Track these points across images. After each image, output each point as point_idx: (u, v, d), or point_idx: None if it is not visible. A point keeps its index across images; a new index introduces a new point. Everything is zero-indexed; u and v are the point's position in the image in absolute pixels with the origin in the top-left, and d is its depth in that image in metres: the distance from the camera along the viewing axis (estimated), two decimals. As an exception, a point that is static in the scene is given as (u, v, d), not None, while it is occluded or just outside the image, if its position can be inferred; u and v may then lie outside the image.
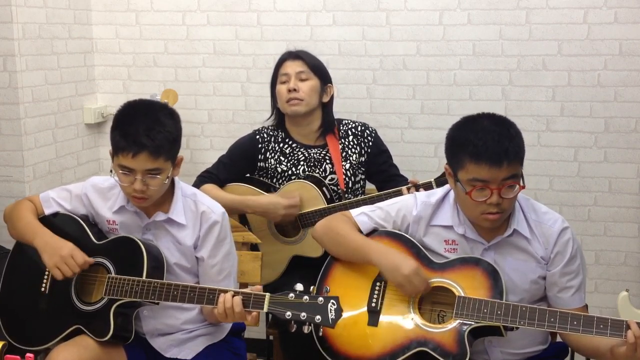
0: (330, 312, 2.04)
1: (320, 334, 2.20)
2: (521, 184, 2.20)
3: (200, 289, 2.23)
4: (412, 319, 2.26)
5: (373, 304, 2.32)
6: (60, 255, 2.28)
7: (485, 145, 2.14)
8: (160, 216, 2.38)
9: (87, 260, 2.31)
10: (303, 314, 2.05)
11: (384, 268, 2.30)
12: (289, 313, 2.06)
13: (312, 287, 2.14)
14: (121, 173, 2.27)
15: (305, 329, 2.07)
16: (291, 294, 2.08)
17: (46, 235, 2.36)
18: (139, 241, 2.31)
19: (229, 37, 3.70)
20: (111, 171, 2.32)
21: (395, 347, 2.23)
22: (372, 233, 2.44)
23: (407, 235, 2.39)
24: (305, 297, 2.06)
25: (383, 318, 2.29)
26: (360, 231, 2.45)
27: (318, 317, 2.04)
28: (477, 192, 2.16)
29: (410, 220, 2.40)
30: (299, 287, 2.10)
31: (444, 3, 3.47)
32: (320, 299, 2.05)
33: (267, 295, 2.12)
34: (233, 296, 2.16)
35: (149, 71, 3.81)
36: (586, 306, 2.37)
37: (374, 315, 2.31)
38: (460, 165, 2.20)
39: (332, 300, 2.05)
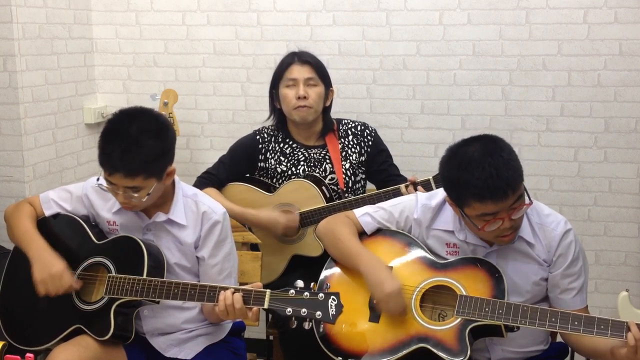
0: (331, 308, 2.05)
1: (321, 330, 2.20)
2: (527, 201, 2.20)
3: (201, 287, 2.23)
4: (413, 316, 2.27)
5: (375, 301, 2.33)
6: (50, 273, 2.28)
7: (486, 184, 2.09)
8: (160, 217, 2.38)
9: (72, 285, 2.30)
10: (303, 310, 2.06)
11: (369, 281, 2.32)
12: (289, 309, 2.07)
13: (312, 284, 2.15)
14: (107, 185, 2.30)
15: (306, 325, 2.08)
16: (292, 290, 2.09)
17: (41, 248, 2.35)
18: (139, 241, 2.31)
19: (229, 37, 3.70)
20: (98, 179, 2.33)
21: (396, 343, 2.24)
22: (377, 233, 2.45)
23: (410, 236, 2.41)
24: (306, 293, 2.07)
25: (384, 315, 2.30)
26: (364, 231, 2.46)
27: (319, 313, 2.05)
28: (489, 225, 2.16)
29: (412, 222, 2.41)
30: (300, 283, 2.11)
31: (444, 3, 3.47)
32: (321, 295, 2.06)
33: (268, 291, 2.12)
34: (233, 293, 2.16)
35: (149, 71, 3.81)
36: (586, 307, 2.37)
37: (375, 311, 2.32)
38: (465, 204, 2.18)
39: (332, 296, 2.06)
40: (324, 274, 2.47)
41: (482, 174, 2.10)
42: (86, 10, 3.74)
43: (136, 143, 2.21)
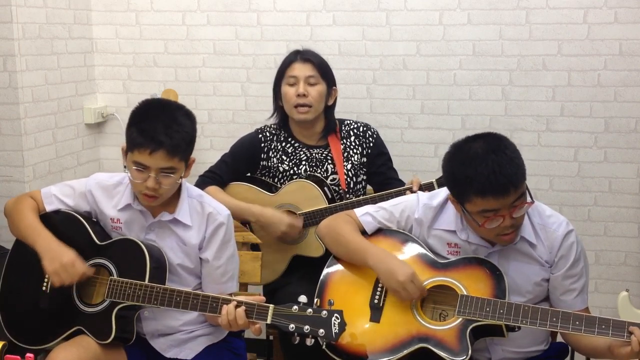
0: (334, 326, 2.04)
1: (324, 347, 2.19)
2: (528, 200, 2.20)
3: (203, 297, 2.21)
4: (414, 316, 2.27)
5: (375, 301, 2.33)
6: (61, 263, 2.25)
7: (489, 180, 2.10)
8: (165, 216, 2.37)
9: (86, 271, 2.29)
10: (306, 327, 2.05)
11: (380, 273, 2.31)
12: (292, 325, 2.05)
13: (316, 300, 2.14)
14: (135, 169, 2.26)
15: (308, 342, 2.06)
16: (295, 306, 2.07)
17: (48, 240, 2.32)
18: (141, 244, 2.30)
19: (229, 37, 3.70)
20: (125, 166, 2.31)
21: (396, 343, 2.24)
22: (378, 232, 2.45)
23: (411, 235, 2.41)
24: (309, 310, 2.06)
25: (385, 314, 2.30)
26: (365, 231, 2.46)
27: (321, 330, 2.04)
28: (490, 222, 2.16)
29: (413, 222, 2.41)
30: (303, 299, 2.09)
31: (444, 3, 3.47)
32: (324, 312, 2.05)
33: (271, 306, 2.11)
34: (236, 307, 2.15)
35: (149, 71, 3.81)
36: (587, 307, 2.37)
37: (376, 311, 2.32)
38: (466, 200, 2.18)
39: (335, 314, 2.05)
40: (325, 273, 2.46)
41: (485, 169, 2.10)
42: (86, 10, 3.74)
43: (176, 120, 2.26)
